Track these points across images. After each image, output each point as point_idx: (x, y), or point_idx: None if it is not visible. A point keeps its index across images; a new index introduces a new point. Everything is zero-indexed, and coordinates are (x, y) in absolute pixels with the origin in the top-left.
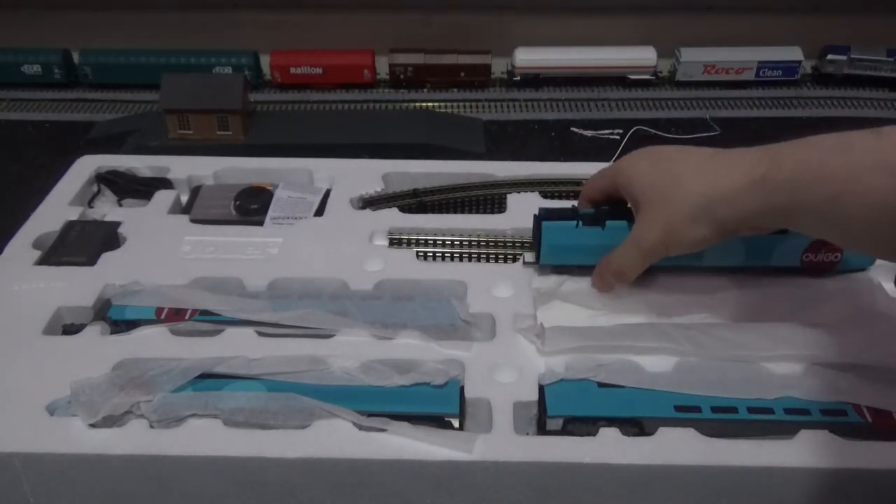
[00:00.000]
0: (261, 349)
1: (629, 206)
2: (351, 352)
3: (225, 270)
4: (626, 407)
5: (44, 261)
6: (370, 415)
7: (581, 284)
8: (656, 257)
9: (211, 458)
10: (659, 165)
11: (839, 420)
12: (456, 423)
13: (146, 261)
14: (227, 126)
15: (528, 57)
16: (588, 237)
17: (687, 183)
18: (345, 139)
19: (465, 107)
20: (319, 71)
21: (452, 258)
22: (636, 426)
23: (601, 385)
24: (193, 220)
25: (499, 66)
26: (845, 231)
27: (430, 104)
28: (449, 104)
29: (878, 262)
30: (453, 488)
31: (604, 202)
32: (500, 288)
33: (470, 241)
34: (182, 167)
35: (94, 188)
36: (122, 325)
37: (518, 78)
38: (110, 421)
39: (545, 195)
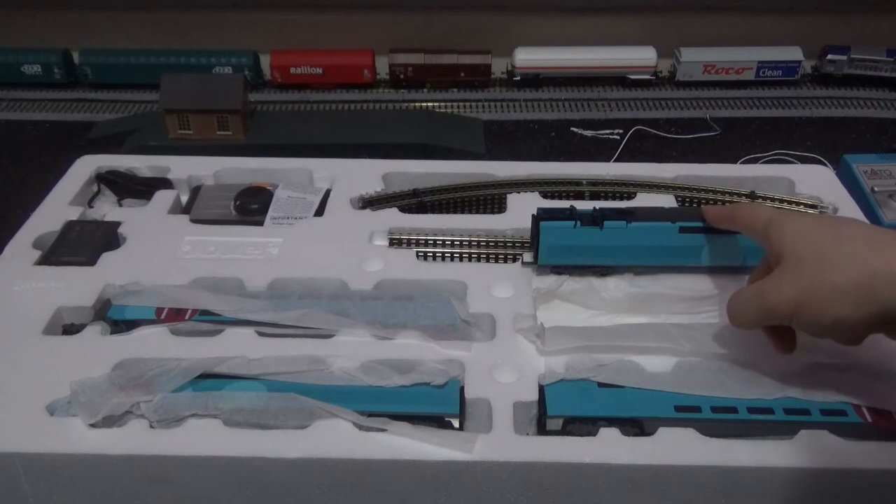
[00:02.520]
0: (261, 349)
1: (769, 259)
2: (351, 352)
3: (225, 270)
4: (626, 407)
5: (44, 261)
6: (370, 415)
7: (581, 284)
8: (774, 320)
9: (211, 458)
10: (823, 222)
11: (839, 420)
12: (456, 423)
13: (146, 261)
14: (227, 126)
15: (528, 57)
16: (587, 237)
17: (852, 248)
18: (345, 139)
19: (465, 107)
20: (319, 71)
21: (452, 258)
22: (636, 426)
23: (601, 385)
24: (193, 220)
25: (499, 66)
26: None
27: (430, 104)
28: (449, 104)
29: None
30: (453, 488)
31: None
32: (499, 288)
33: (470, 241)
34: (182, 167)
35: (94, 188)
36: (122, 325)
37: (518, 78)
38: (110, 421)
39: (545, 195)
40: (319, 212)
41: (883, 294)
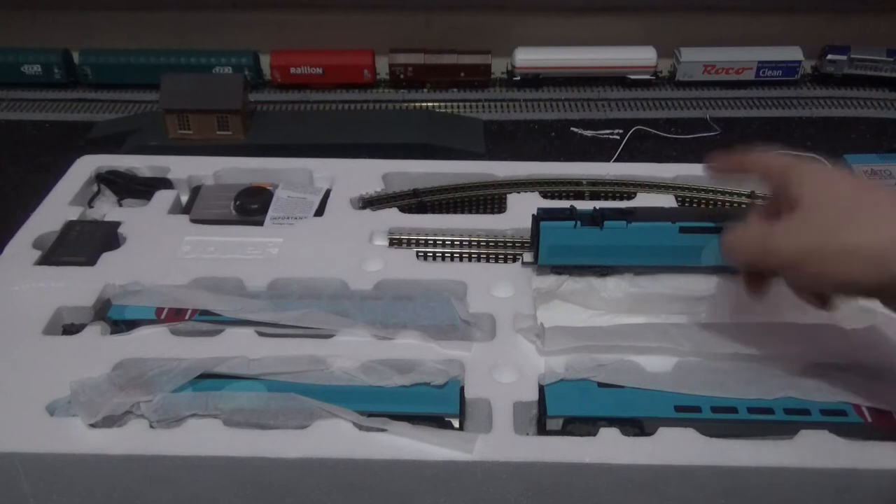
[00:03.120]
0: (261, 349)
1: (779, 202)
2: (351, 352)
3: (225, 270)
4: (626, 407)
5: (44, 261)
6: (370, 415)
7: (581, 284)
8: (773, 264)
9: (211, 458)
10: (849, 179)
11: (839, 420)
12: (456, 423)
13: (146, 261)
14: (227, 126)
15: (528, 57)
16: (586, 237)
17: (876, 211)
18: (345, 139)
19: (465, 107)
20: (319, 71)
21: (452, 258)
22: (636, 426)
23: (601, 385)
24: (193, 220)
25: (499, 66)
26: None
27: (430, 104)
28: (449, 104)
29: None
30: (453, 488)
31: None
32: (499, 288)
33: (470, 241)
34: (182, 167)
35: (94, 188)
36: (122, 325)
37: (518, 78)
38: (110, 421)
39: (545, 195)
40: (319, 212)
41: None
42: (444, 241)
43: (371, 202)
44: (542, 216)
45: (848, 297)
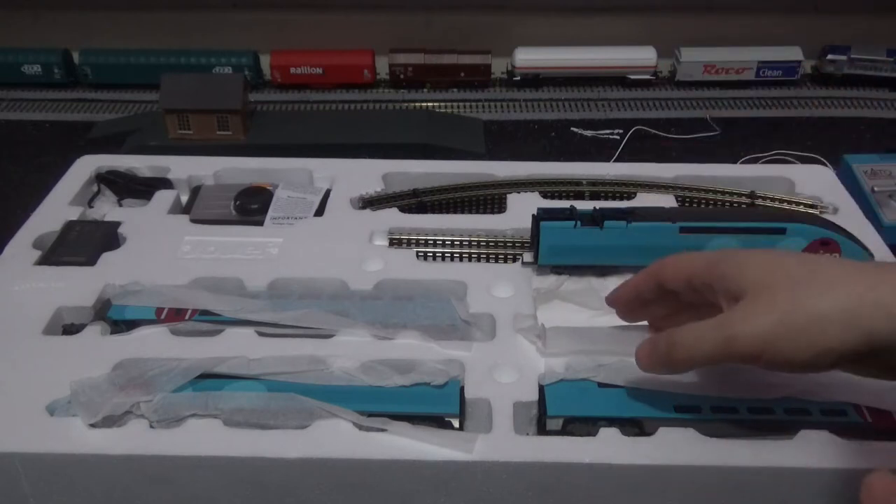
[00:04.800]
0: (261, 349)
1: (721, 302)
2: (351, 352)
3: (225, 270)
4: (626, 407)
5: (44, 261)
6: (370, 415)
7: (581, 284)
8: (734, 358)
9: (211, 458)
10: (788, 254)
11: (839, 420)
12: (456, 423)
13: (146, 261)
14: (227, 126)
15: (528, 57)
16: (587, 237)
17: (832, 273)
18: (345, 139)
19: (465, 107)
20: (319, 71)
21: (452, 258)
22: (636, 426)
23: (601, 385)
24: (193, 220)
25: (499, 66)
26: None
27: (430, 104)
28: (449, 104)
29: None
30: (453, 488)
31: (649, 299)
32: (499, 288)
33: (470, 241)
34: (182, 167)
35: (94, 188)
36: (122, 325)
37: (518, 78)
38: (110, 421)
39: (545, 195)
40: (319, 212)
41: (868, 321)
42: (444, 241)
43: (371, 202)
44: (542, 216)
45: (823, 369)
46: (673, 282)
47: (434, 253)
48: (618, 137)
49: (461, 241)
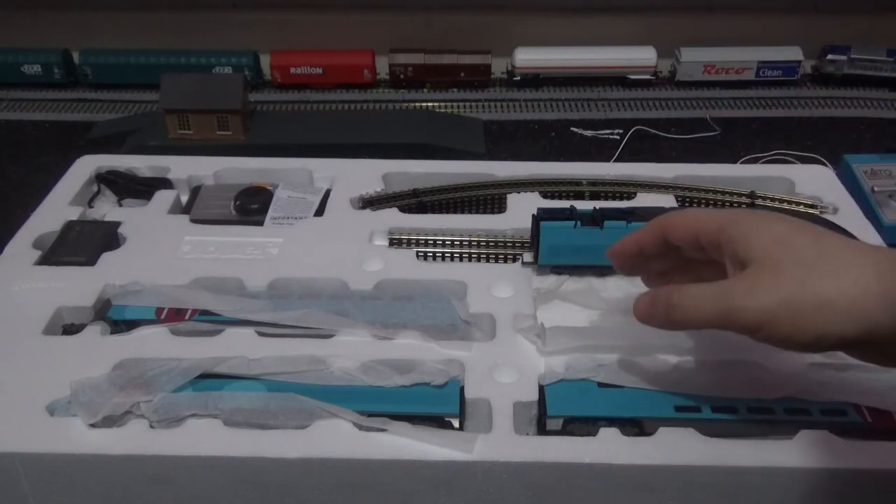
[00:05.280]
0: (261, 349)
1: (726, 263)
2: (351, 352)
3: (225, 270)
4: (626, 407)
5: (44, 261)
6: (370, 415)
7: (581, 284)
8: (733, 327)
9: (211, 458)
10: (800, 228)
11: (839, 420)
12: (456, 423)
13: (146, 261)
14: (227, 126)
15: (528, 57)
16: (586, 237)
17: (842, 258)
18: (345, 139)
19: (465, 107)
20: (319, 71)
21: (452, 258)
22: (636, 426)
23: (601, 385)
24: (193, 220)
25: (499, 66)
26: None
27: (430, 104)
28: (449, 104)
29: None
30: (453, 488)
31: (656, 252)
32: (499, 288)
33: (470, 241)
34: (182, 167)
35: (94, 188)
36: (122, 325)
37: (518, 78)
38: (110, 421)
39: (545, 195)
40: (319, 212)
41: (873, 312)
42: (444, 241)
43: (371, 202)
44: (542, 216)
45: (821, 351)
46: (680, 237)
47: (434, 253)
48: (618, 137)
49: (461, 241)
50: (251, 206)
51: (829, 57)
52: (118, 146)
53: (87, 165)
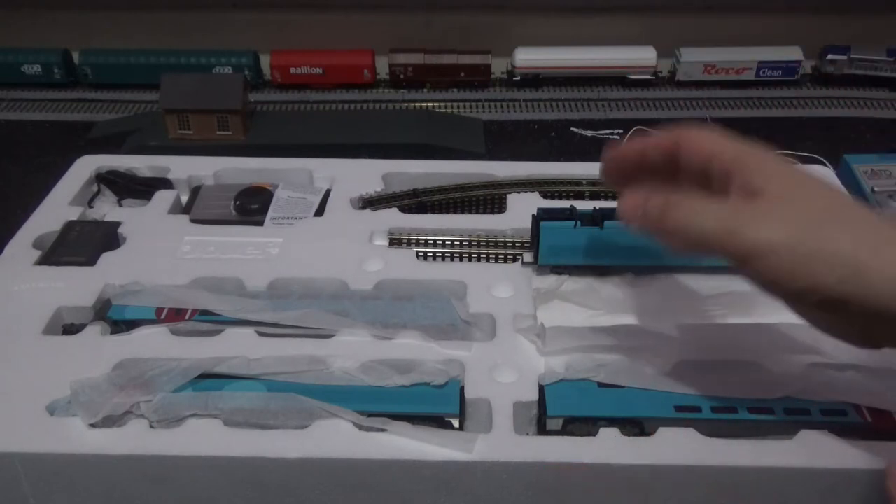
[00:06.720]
0: (261, 349)
1: (733, 192)
2: (351, 352)
3: (225, 270)
4: (626, 407)
5: (44, 261)
6: (370, 415)
7: (581, 284)
8: (734, 254)
9: (211, 458)
10: (822, 180)
11: (839, 420)
12: (456, 423)
13: (146, 261)
14: (227, 126)
15: (528, 57)
16: (586, 237)
17: (851, 217)
18: (345, 139)
19: (465, 107)
20: (319, 71)
21: (452, 258)
22: (636, 426)
23: (601, 385)
24: (193, 220)
25: (499, 66)
26: None
27: (430, 104)
28: (449, 104)
29: None
30: (453, 488)
31: (661, 162)
32: (499, 288)
33: (470, 241)
34: (182, 167)
35: (94, 188)
36: (122, 325)
37: (518, 78)
38: (110, 421)
39: (545, 195)
40: (319, 212)
41: (873, 279)
42: (444, 241)
43: (371, 202)
44: (542, 216)
45: (800, 304)
46: (694, 154)
47: (434, 253)
48: (618, 137)
49: (461, 241)
50: (251, 206)
51: (829, 57)
52: (118, 146)
53: (87, 165)
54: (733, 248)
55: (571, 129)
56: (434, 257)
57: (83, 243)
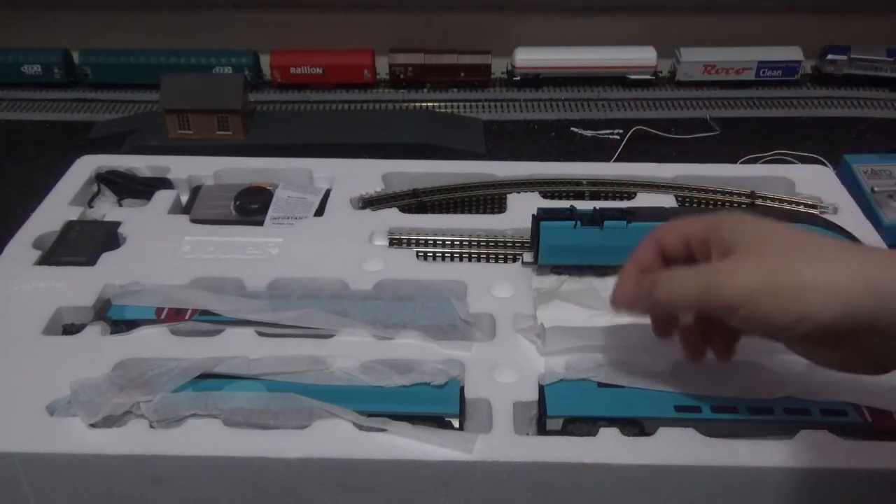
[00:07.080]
0: (261, 349)
1: (713, 256)
2: (351, 352)
3: (225, 270)
4: (626, 407)
5: (44, 261)
6: (370, 415)
7: (581, 284)
8: (712, 307)
9: (211, 458)
10: (784, 224)
11: (839, 420)
12: (456, 423)
13: (146, 261)
14: (227, 126)
15: (528, 57)
16: (586, 237)
17: (822, 249)
18: (345, 139)
19: (465, 107)
20: (319, 71)
21: (452, 258)
22: (636, 426)
23: (601, 385)
24: (193, 220)
25: (499, 66)
26: None
27: (430, 104)
28: (449, 104)
29: None
30: (453, 488)
31: (674, 255)
32: (499, 288)
33: (470, 241)
34: (182, 167)
35: (94, 188)
36: (122, 325)
37: (518, 78)
38: (110, 421)
39: (545, 195)
40: (319, 212)
41: (854, 297)
42: (444, 241)
43: (371, 202)
44: (542, 216)
45: (798, 334)
46: (673, 244)
47: (434, 253)
48: (618, 137)
49: (461, 241)
50: (251, 206)
51: (829, 57)
52: (118, 146)
53: (87, 165)
54: (717, 302)
55: (571, 129)
56: (434, 257)
57: (83, 243)
